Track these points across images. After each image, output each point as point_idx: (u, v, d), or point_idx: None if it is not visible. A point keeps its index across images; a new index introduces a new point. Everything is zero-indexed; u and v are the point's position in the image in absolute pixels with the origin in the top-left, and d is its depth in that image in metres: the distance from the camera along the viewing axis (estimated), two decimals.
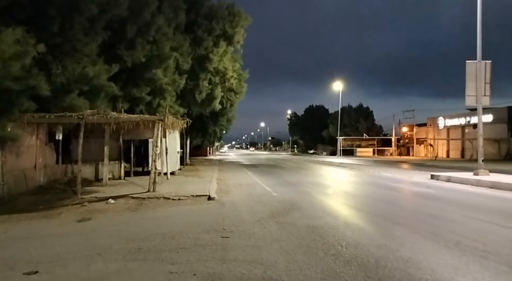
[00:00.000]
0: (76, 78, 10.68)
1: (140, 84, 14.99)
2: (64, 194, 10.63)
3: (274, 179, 16.30)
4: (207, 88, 17.49)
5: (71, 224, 7.35)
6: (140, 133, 14.17)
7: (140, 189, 11.41)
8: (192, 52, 16.80)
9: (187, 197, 10.28)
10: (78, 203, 9.56)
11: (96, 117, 10.45)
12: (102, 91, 11.75)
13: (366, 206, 8.86)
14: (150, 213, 8.33)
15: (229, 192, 11.65)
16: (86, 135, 14.63)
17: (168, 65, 15.48)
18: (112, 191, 11.10)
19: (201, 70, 17.01)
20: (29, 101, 9.38)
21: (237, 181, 15.61)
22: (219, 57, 17.34)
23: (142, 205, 9.44)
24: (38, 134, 11.31)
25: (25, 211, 8.74)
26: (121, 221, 7.49)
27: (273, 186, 13.26)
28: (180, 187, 12.30)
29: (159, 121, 10.68)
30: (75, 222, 7.57)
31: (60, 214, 8.59)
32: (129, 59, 13.87)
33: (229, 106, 23.34)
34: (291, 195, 10.68)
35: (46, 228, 7.07)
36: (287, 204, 9.03)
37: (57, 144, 13.15)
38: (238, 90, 22.66)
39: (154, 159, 10.64)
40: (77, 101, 10.75)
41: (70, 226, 7.16)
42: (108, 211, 8.86)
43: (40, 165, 11.49)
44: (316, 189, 12.51)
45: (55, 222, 7.73)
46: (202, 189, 11.63)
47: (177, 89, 16.43)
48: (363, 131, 61.16)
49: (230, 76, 18.76)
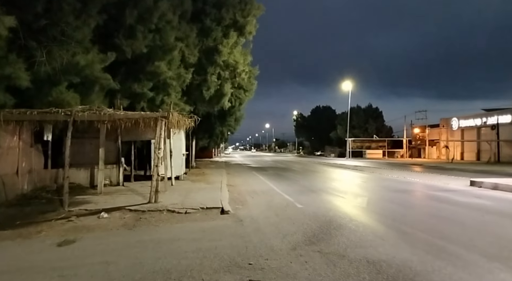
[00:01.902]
0: (64, 67, 9.02)
1: (141, 78, 13.32)
2: (50, 205, 8.95)
3: (290, 185, 14.56)
4: (216, 83, 15.78)
5: (48, 250, 5.68)
6: (141, 134, 12.49)
7: (140, 199, 9.71)
8: (199, 44, 15.12)
9: (195, 209, 8.57)
10: (64, 218, 7.89)
11: (87, 113, 8.76)
12: (96, 84, 10.08)
13: (423, 225, 7.08)
14: (150, 233, 6.62)
15: (244, 202, 9.92)
16: (80, 136, 13.04)
17: (173, 58, 13.79)
18: (107, 201, 9.41)
19: (209, 63, 15.31)
20: (5, 94, 7.73)
21: (250, 187, 13.88)
22: (229, 49, 15.64)
23: (141, 221, 7.74)
24: (21, 135, 9.65)
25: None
26: (112, 246, 5.79)
27: (293, 194, 11.52)
28: (186, 195, 10.59)
29: (162, 119, 8.99)
30: (54, 246, 5.90)
31: (40, 232, 6.93)
32: (129, 50, 12.20)
33: (237, 105, 21.60)
34: (319, 207, 8.93)
35: (14, 256, 5.42)
36: (320, 221, 7.29)
37: (45, 145, 11.49)
38: (247, 87, 20.92)
39: (156, 163, 8.94)
40: (66, 95, 9.08)
41: (46, 253, 5.50)
42: (98, 228, 7.18)
43: (23, 170, 9.83)
44: (344, 198, 10.75)
45: (30, 245, 6.08)
46: (212, 199, 9.92)
47: (183, 85, 14.74)
48: (372, 133, 59.24)
49: (241, 71, 17.03)
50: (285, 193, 11.85)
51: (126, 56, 12.21)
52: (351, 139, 55.97)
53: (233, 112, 23.64)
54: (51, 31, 9.09)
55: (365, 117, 60.60)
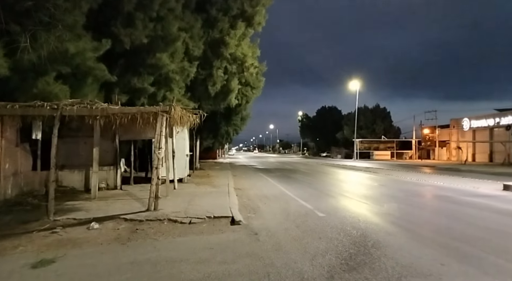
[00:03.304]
0: (52, 55, 7.87)
1: (141, 72, 12.17)
2: (34, 213, 7.80)
3: (303, 188, 13.35)
4: (222, 78, 14.60)
5: (18, 274, 4.54)
6: (141, 132, 11.34)
7: (137, 206, 8.54)
8: (205, 36, 13.95)
9: (201, 218, 7.38)
10: (47, 229, 6.73)
11: (77, 108, 7.59)
12: (88, 76, 8.94)
13: (483, 242, 5.87)
14: (146, 250, 5.44)
15: (256, 209, 8.72)
16: (74, 135, 11.88)
17: (176, 49, 12.63)
18: (100, 208, 8.24)
19: (215, 56, 14.14)
20: None
21: (260, 191, 12.68)
22: (237, 41, 14.46)
23: (137, 233, 6.56)
24: (4, 132, 8.51)
25: None
26: (99, 268, 4.62)
27: (309, 199, 10.31)
28: (191, 201, 9.41)
29: (163, 114, 7.81)
30: (27, 269, 4.75)
31: (16, 247, 5.78)
32: (127, 39, 11.05)
33: (244, 103, 20.40)
34: (344, 217, 7.72)
35: None
36: (351, 235, 6.07)
37: (34, 144, 10.36)
38: (255, 84, 19.72)
39: (156, 165, 7.76)
40: (53, 87, 7.94)
41: (14, 279, 4.34)
42: (86, 242, 6.02)
43: (7, 172, 8.70)
44: (367, 204, 9.53)
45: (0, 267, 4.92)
46: (220, 205, 8.74)
47: (187, 80, 13.57)
48: (380, 133, 57.83)
49: (249, 65, 15.85)
50: (300, 198, 10.64)
51: (124, 46, 11.07)
52: (358, 140, 54.62)
53: (239, 111, 22.46)
54: (37, 14, 7.95)
55: (372, 118, 59.21)
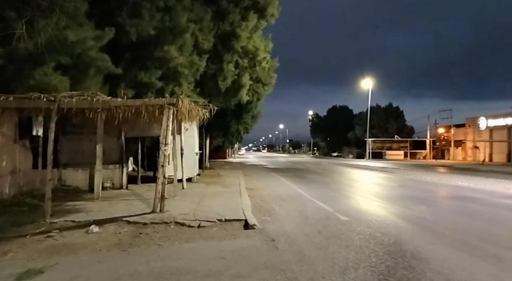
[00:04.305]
0: (50, 44, 7.26)
1: (148, 65, 11.54)
2: (31, 215, 7.19)
3: (319, 189, 12.58)
4: (233, 73, 13.91)
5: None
6: (147, 129, 10.71)
7: (143, 207, 7.89)
8: (215, 28, 13.28)
9: (211, 222, 6.69)
10: (42, 232, 6.11)
11: (76, 100, 6.96)
12: (91, 67, 8.32)
13: None
14: (149, 259, 4.77)
15: (271, 212, 7.99)
16: (78, 131, 11.31)
17: (185, 42, 11.97)
18: (102, 210, 7.61)
19: (225, 50, 13.46)
20: None
21: (273, 191, 11.95)
22: (249, 34, 13.75)
23: (140, 238, 5.90)
24: (1, 128, 7.94)
25: None
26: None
27: (327, 201, 9.54)
28: (200, 202, 8.73)
29: (170, 106, 7.14)
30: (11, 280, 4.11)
31: (6, 253, 5.17)
32: (134, 30, 10.45)
33: (255, 101, 19.68)
34: (371, 221, 6.96)
35: None
36: (384, 243, 5.31)
37: (35, 141, 9.80)
38: (266, 81, 18.97)
39: (162, 163, 7.08)
40: (52, 78, 7.33)
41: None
42: (83, 248, 5.37)
43: (3, 170, 8.13)
44: (391, 206, 8.72)
45: None
46: (231, 207, 8.04)
47: (196, 74, 12.91)
48: (393, 133, 56.57)
49: (261, 58, 15.12)
50: (317, 199, 9.89)
51: (130, 38, 10.47)
52: (371, 140, 53.47)
53: (250, 108, 21.76)
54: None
55: (385, 117, 57.97)
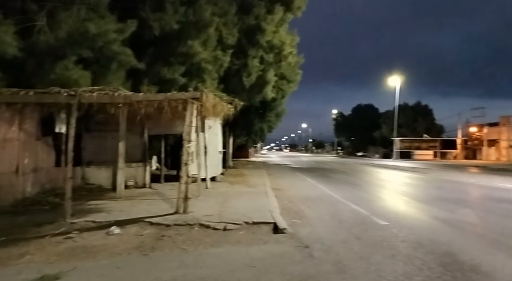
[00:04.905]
0: (71, 37, 7.00)
1: (172, 61, 11.21)
2: (52, 214, 6.94)
3: (348, 189, 11.93)
4: (258, 68, 13.44)
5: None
6: (170, 126, 10.41)
7: (165, 207, 7.53)
8: (239, 22, 12.84)
9: (238, 224, 6.22)
10: (62, 233, 5.82)
11: (97, 94, 6.66)
12: (113, 61, 8.04)
13: None
14: (172, 265, 4.36)
15: (300, 214, 7.46)
16: (101, 129, 11.11)
17: (209, 37, 11.58)
18: (124, 210, 7.29)
19: (250, 45, 13.00)
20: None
21: (300, 191, 11.40)
22: (274, 27, 13.23)
23: (163, 240, 5.51)
24: (22, 124, 7.75)
25: None
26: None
27: (360, 202, 8.91)
28: (225, 203, 8.29)
29: (193, 101, 6.73)
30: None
31: (23, 255, 4.88)
32: (157, 25, 10.14)
33: (280, 98, 19.14)
34: (414, 226, 6.31)
35: None
36: (434, 252, 4.68)
37: (58, 138, 9.64)
38: (291, 77, 18.40)
39: (185, 161, 6.68)
40: (73, 73, 7.07)
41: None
42: (103, 251, 5.03)
43: (25, 168, 7.95)
44: (432, 209, 8.00)
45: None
46: (258, 208, 7.56)
47: (220, 70, 12.51)
48: (421, 132, 54.61)
49: (287, 53, 14.58)
50: (349, 200, 9.27)
51: (153, 33, 10.16)
52: (398, 139, 51.81)
53: (274, 106, 21.22)
54: None
55: (413, 116, 56.06)
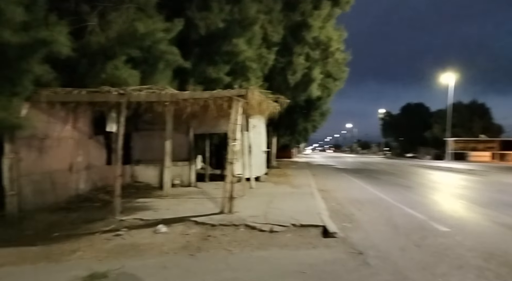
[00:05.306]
0: (121, 37, 7.13)
1: (217, 60, 11.21)
2: (102, 211, 7.11)
3: (400, 192, 11.23)
4: (303, 66, 13.09)
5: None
6: (215, 124, 10.39)
7: (211, 206, 7.45)
8: (284, 19, 12.59)
9: (284, 226, 5.97)
10: (111, 230, 5.90)
11: (145, 93, 6.73)
12: (160, 61, 8.10)
13: None
14: (218, 268, 4.20)
15: (351, 217, 7.05)
16: (149, 128, 11.35)
17: (254, 35, 11.45)
18: (170, 208, 7.31)
19: (295, 42, 12.70)
20: (43, 66, 6.00)
21: (348, 193, 10.91)
22: (321, 23, 12.80)
23: (208, 241, 5.40)
24: (76, 123, 8.06)
25: (28, 241, 5.38)
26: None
27: (416, 206, 8.30)
28: (270, 203, 8.07)
29: (239, 98, 6.58)
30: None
31: (75, 252, 4.98)
32: (203, 24, 10.17)
33: (325, 96, 18.62)
34: (478, 233, 5.71)
35: None
36: (507, 263, 4.14)
37: (109, 137, 9.94)
38: (337, 75, 17.84)
39: (231, 160, 6.55)
40: (122, 72, 7.19)
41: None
42: (150, 250, 5.01)
43: (79, 166, 8.25)
44: (498, 214, 7.23)
45: (48, 276, 4.10)
46: (305, 210, 7.26)
47: (264, 68, 12.34)
48: (477, 132, 51.02)
49: (334, 49, 14.09)
50: (402, 203, 8.68)
51: (199, 32, 10.22)
52: (451, 139, 48.79)
53: (319, 105, 20.70)
54: None
55: (468, 115, 52.53)
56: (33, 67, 5.81)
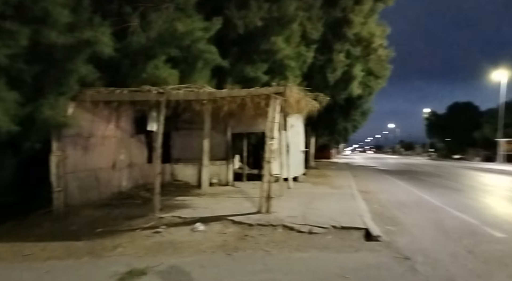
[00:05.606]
0: (160, 37, 7.24)
1: (255, 59, 11.14)
2: (143, 208, 7.25)
3: (448, 194, 10.57)
4: (343, 63, 12.69)
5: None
6: (252, 124, 10.30)
7: (248, 206, 7.37)
8: (324, 16, 12.29)
9: (324, 228, 5.75)
10: (151, 227, 5.98)
11: (183, 92, 6.77)
12: (199, 60, 8.15)
13: None
14: (256, 269, 4.09)
15: (395, 220, 6.68)
16: (188, 127, 11.51)
17: (292, 32, 11.27)
18: (208, 207, 7.31)
19: (335, 38, 12.34)
20: (87, 66, 6.19)
21: (392, 195, 10.42)
22: (363, 19, 12.36)
23: (246, 240, 5.31)
24: (119, 122, 8.30)
25: (73, 236, 5.55)
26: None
27: (466, 210, 7.74)
28: (309, 204, 7.86)
29: (277, 96, 6.44)
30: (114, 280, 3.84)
31: (116, 248, 5.07)
32: (241, 23, 10.14)
33: (366, 95, 18.00)
34: None
35: None
36: None
37: (150, 136, 10.16)
38: (380, 73, 17.15)
39: (268, 159, 6.43)
40: (162, 71, 7.30)
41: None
42: (188, 248, 5.01)
43: (121, 164, 8.49)
44: None
45: (90, 271, 4.25)
46: (346, 211, 6.98)
47: (303, 66, 12.10)
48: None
49: (377, 46, 13.54)
50: (451, 207, 8.13)
51: (237, 31, 10.20)
52: (504, 140, 45.64)
53: (360, 104, 20.06)
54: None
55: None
56: (78, 68, 6.02)
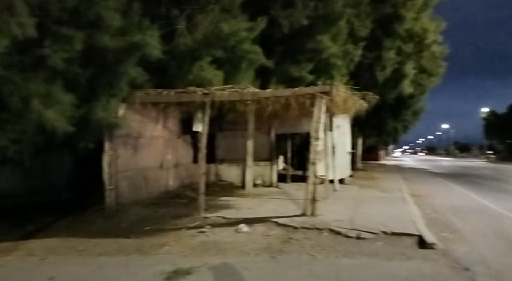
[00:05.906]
0: (206, 38, 7.31)
1: (299, 58, 10.96)
2: (188, 208, 7.37)
3: None
4: (394, 61, 12.10)
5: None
6: (296, 124, 10.15)
7: (292, 208, 7.22)
8: (373, 12, 11.81)
9: (373, 233, 5.46)
10: (196, 227, 6.04)
11: (228, 92, 6.79)
12: (243, 60, 8.14)
13: None
14: (301, 273, 3.96)
15: (451, 227, 6.21)
16: (232, 128, 11.57)
17: (339, 30, 10.95)
18: (252, 208, 7.27)
19: (385, 35, 11.80)
20: (137, 69, 6.39)
21: (446, 200, 9.75)
22: (415, 14, 11.70)
23: (290, 243, 5.19)
24: (166, 123, 8.51)
25: (123, 233, 5.77)
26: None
27: None
28: (356, 207, 7.55)
29: (322, 95, 6.24)
30: (160, 279, 3.89)
31: (163, 246, 5.18)
32: (286, 22, 10.00)
33: (418, 94, 17.08)
34: None
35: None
36: None
37: (196, 137, 10.35)
38: (433, 70, 16.20)
39: (313, 160, 6.24)
40: (207, 73, 7.37)
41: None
42: (232, 249, 4.99)
43: (168, 163, 8.71)
44: None
45: (137, 268, 4.42)
46: (396, 216, 6.61)
47: (350, 65, 11.72)
48: None
49: (431, 42, 12.74)
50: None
51: (282, 31, 10.06)
52: None
53: (411, 103, 19.09)
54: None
55: None
56: (129, 70, 6.23)
